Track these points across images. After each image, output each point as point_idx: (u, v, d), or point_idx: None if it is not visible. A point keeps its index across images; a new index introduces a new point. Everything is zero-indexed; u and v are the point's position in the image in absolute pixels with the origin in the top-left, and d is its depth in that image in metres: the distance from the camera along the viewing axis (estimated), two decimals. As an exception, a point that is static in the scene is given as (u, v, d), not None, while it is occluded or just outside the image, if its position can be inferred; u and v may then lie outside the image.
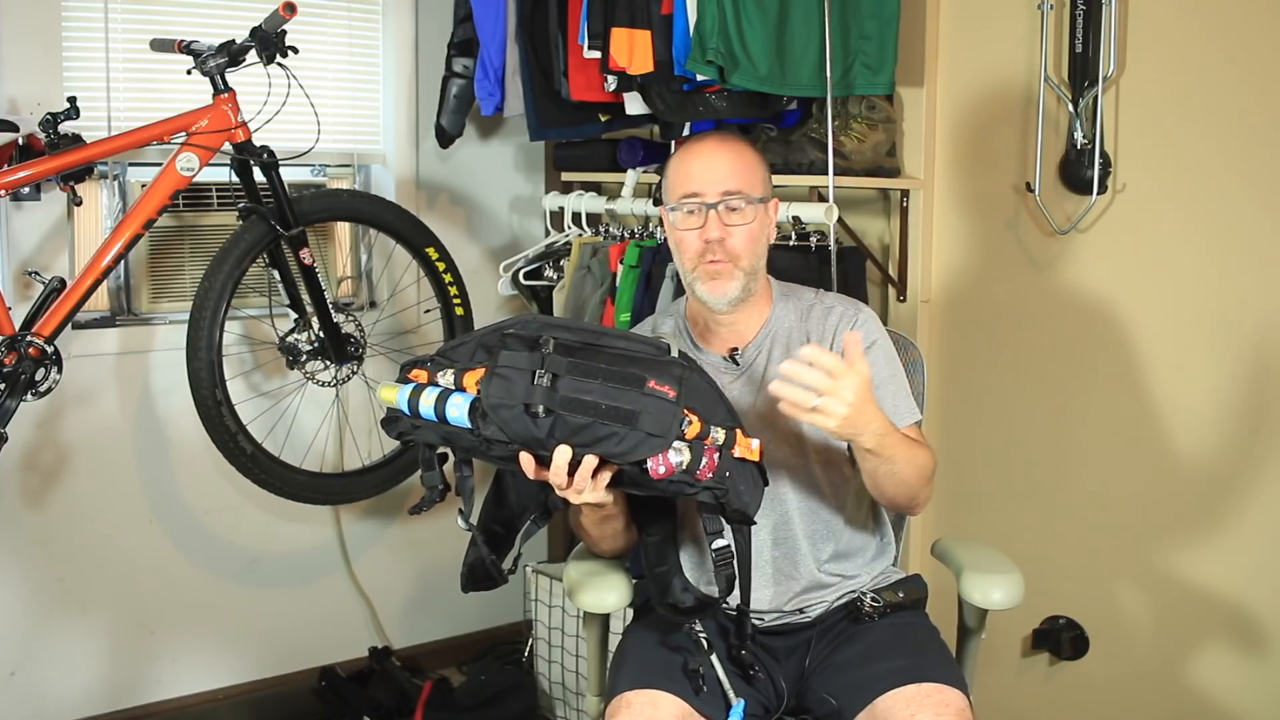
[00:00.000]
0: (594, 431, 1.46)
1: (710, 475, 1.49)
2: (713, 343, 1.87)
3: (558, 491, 1.53)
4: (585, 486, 1.51)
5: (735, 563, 1.63)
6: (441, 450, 1.63)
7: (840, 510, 1.83)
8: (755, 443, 1.55)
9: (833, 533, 1.83)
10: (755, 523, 1.60)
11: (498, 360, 1.49)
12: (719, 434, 1.51)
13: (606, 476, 1.51)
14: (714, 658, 1.70)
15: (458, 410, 1.50)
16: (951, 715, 1.59)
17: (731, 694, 1.68)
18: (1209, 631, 2.30)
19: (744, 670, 1.73)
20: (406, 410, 1.55)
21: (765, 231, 1.82)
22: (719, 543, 1.62)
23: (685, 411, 1.48)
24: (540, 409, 1.45)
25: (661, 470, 1.46)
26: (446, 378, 1.53)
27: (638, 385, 1.46)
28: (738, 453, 1.52)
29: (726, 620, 1.79)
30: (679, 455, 1.47)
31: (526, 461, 1.51)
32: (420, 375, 1.56)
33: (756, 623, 1.81)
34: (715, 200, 1.76)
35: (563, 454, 1.47)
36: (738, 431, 1.53)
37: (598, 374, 1.47)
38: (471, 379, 1.50)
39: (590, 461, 1.48)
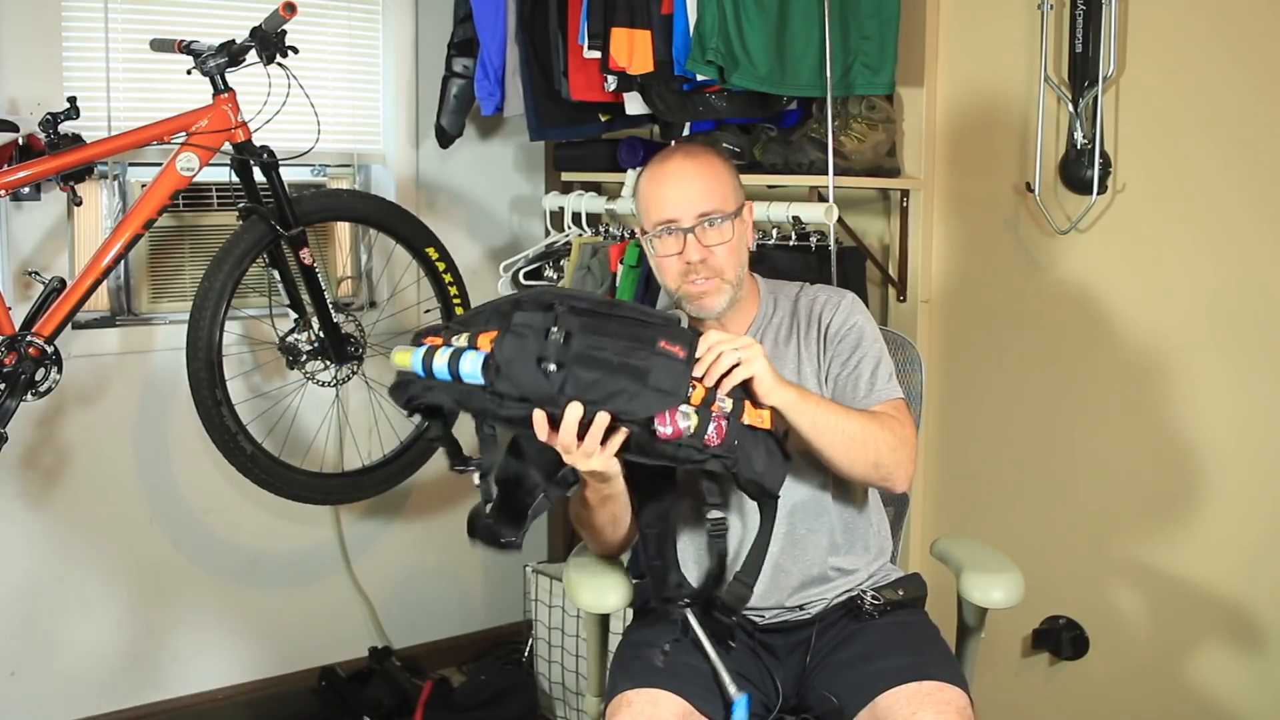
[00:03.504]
0: (605, 387, 1.47)
1: (719, 443, 1.50)
2: None
3: (565, 457, 1.54)
4: (594, 450, 1.52)
5: (727, 537, 1.63)
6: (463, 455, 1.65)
7: (838, 503, 1.84)
8: (765, 412, 1.55)
9: (831, 527, 1.83)
10: (776, 496, 1.60)
11: (512, 320, 1.52)
12: (726, 402, 1.52)
13: (616, 442, 1.52)
14: (714, 656, 1.69)
15: (471, 365, 1.52)
16: (953, 713, 1.59)
17: (733, 689, 1.67)
18: (1209, 631, 2.31)
19: (724, 643, 1.70)
20: (421, 371, 1.56)
21: (744, 240, 1.83)
22: (715, 514, 1.62)
23: (691, 379, 1.49)
24: (553, 364, 1.48)
25: (669, 431, 1.48)
26: (461, 340, 1.56)
27: (649, 344, 1.49)
28: (747, 420, 1.53)
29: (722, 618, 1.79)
30: (686, 420, 1.48)
31: (539, 421, 1.52)
32: (435, 341, 1.58)
33: (756, 619, 1.82)
34: (691, 225, 1.76)
35: (574, 411, 1.49)
36: (745, 401, 1.54)
37: (610, 332, 1.50)
38: (486, 339, 1.53)
39: (601, 420, 1.49)
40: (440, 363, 1.54)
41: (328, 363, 2.66)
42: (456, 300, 2.83)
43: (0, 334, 2.25)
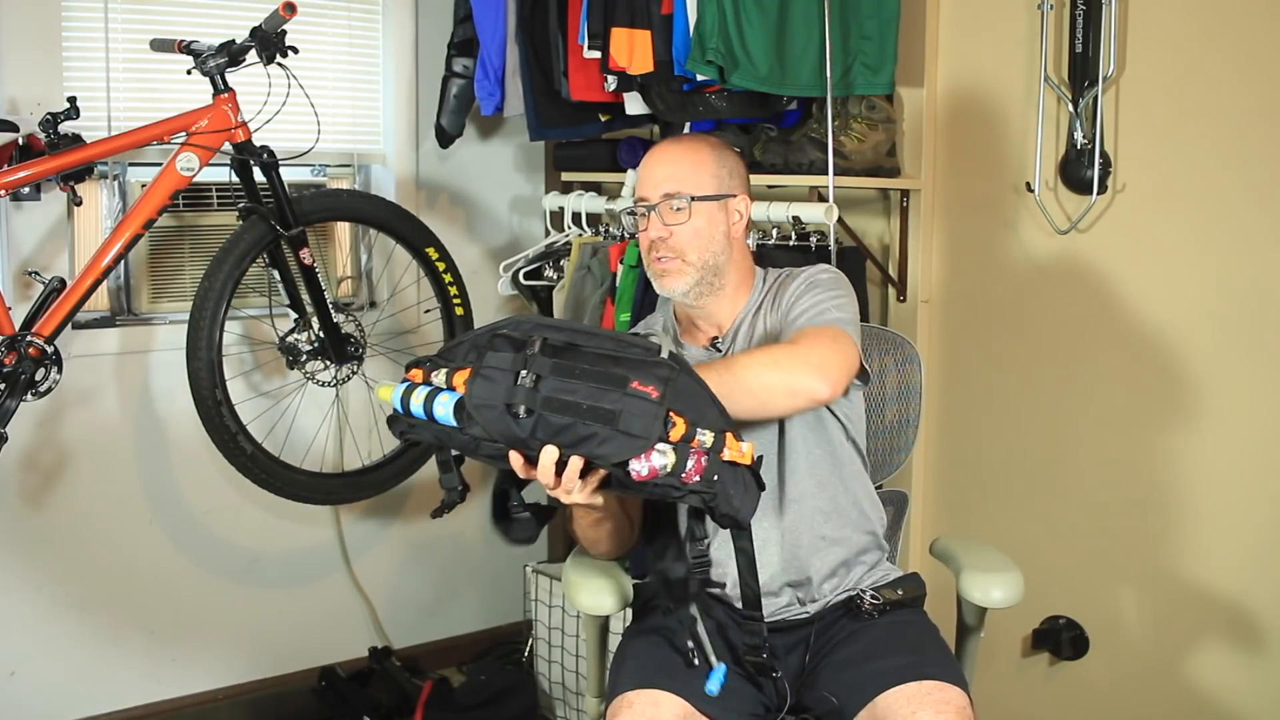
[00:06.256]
0: (575, 431, 1.46)
1: (698, 478, 1.47)
2: (696, 336, 1.92)
3: (547, 492, 1.54)
4: (573, 487, 1.51)
5: (736, 566, 1.63)
6: (457, 452, 1.65)
7: (827, 482, 1.84)
8: (746, 445, 1.51)
9: (816, 507, 1.83)
10: (745, 527, 1.57)
11: (483, 361, 1.51)
12: (706, 436, 1.48)
13: (595, 479, 1.52)
14: (699, 626, 1.66)
15: (444, 409, 1.52)
16: (952, 713, 1.59)
17: (713, 658, 1.65)
18: (1209, 631, 2.30)
19: (763, 672, 1.71)
20: (400, 409, 1.58)
21: (720, 228, 1.85)
22: (698, 548, 1.60)
23: (671, 414, 1.46)
24: (522, 409, 1.47)
25: (644, 473, 1.45)
26: (439, 377, 1.55)
27: (620, 386, 1.46)
28: (727, 455, 1.49)
29: (729, 618, 1.79)
30: (663, 458, 1.45)
31: (515, 460, 1.52)
32: (417, 375, 1.59)
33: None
34: (655, 202, 1.83)
35: (549, 454, 1.48)
36: (728, 434, 1.50)
37: (581, 374, 1.47)
38: (460, 378, 1.52)
39: (576, 463, 1.48)
40: (416, 403, 1.55)
41: (328, 363, 2.66)
42: (456, 300, 2.83)
43: (0, 334, 2.25)
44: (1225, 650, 2.29)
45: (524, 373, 1.48)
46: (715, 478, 1.48)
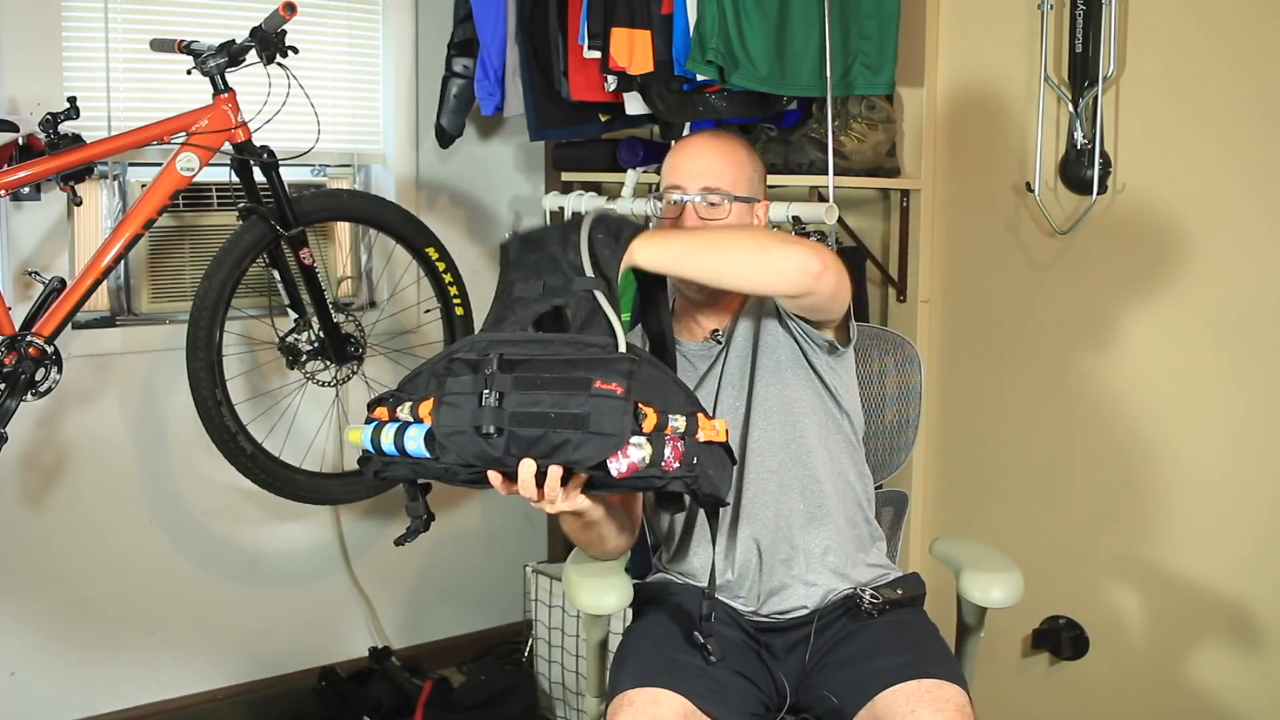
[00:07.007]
0: (549, 441, 1.45)
1: (678, 464, 1.47)
2: (695, 331, 1.92)
3: (532, 505, 1.54)
4: (557, 497, 1.51)
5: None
6: (423, 480, 1.63)
7: (826, 468, 1.85)
8: (719, 423, 1.51)
9: (808, 468, 1.84)
10: (727, 503, 1.59)
11: (445, 388, 1.50)
12: (679, 421, 1.47)
13: (578, 485, 1.51)
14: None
15: (415, 442, 1.51)
16: (952, 711, 1.59)
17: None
18: (1209, 631, 2.31)
19: (698, 647, 1.69)
20: (371, 449, 1.55)
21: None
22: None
23: (640, 406, 1.46)
24: (491, 429, 1.46)
25: (624, 469, 1.45)
26: (405, 411, 1.53)
27: (584, 388, 1.45)
28: (702, 436, 1.49)
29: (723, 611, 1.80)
30: (640, 451, 1.45)
31: (495, 479, 1.52)
32: (382, 413, 1.57)
33: (750, 615, 1.84)
34: (694, 194, 1.83)
35: (527, 468, 1.47)
36: (699, 415, 1.50)
37: (543, 384, 1.47)
38: (425, 409, 1.50)
39: (555, 473, 1.48)
40: (387, 441, 1.53)
41: (328, 363, 2.66)
42: (456, 300, 2.83)
43: (0, 334, 2.25)
44: (1225, 650, 2.29)
45: (486, 392, 1.46)
46: (695, 460, 1.48)
